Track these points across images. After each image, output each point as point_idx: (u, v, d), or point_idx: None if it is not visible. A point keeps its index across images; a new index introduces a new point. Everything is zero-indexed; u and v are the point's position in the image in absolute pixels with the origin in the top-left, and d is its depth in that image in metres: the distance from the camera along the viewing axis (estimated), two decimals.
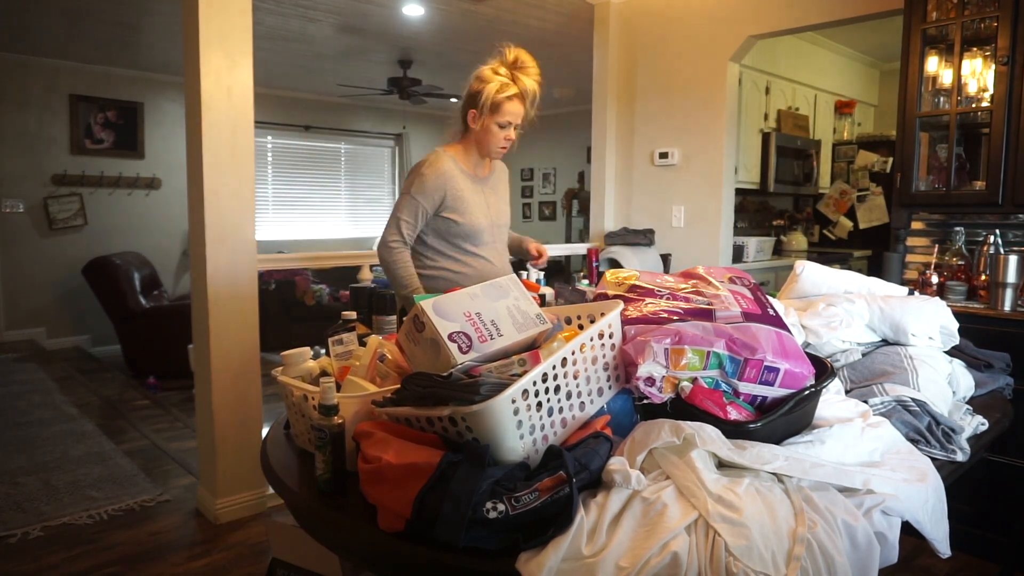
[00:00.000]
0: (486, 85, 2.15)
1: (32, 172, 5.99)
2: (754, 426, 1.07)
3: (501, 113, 2.17)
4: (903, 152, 2.86)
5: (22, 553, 2.57)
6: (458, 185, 2.26)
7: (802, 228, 5.48)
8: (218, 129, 2.68)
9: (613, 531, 0.90)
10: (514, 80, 2.15)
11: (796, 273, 1.97)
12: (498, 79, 2.15)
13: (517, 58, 2.17)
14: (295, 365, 1.39)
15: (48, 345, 6.14)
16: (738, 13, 3.74)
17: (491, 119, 2.19)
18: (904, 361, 1.58)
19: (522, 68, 2.17)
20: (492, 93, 2.15)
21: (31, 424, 3.99)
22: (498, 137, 2.22)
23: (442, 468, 0.94)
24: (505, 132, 2.21)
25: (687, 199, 4.05)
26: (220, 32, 2.65)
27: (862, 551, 0.95)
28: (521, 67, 2.17)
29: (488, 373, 1.05)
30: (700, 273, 1.36)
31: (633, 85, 4.23)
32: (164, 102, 6.61)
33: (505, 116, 2.18)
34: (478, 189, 2.33)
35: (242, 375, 2.84)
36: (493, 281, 1.24)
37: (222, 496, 2.83)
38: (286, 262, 3.72)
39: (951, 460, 1.29)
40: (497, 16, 4.70)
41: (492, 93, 2.15)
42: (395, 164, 8.79)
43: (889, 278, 2.82)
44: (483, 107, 2.18)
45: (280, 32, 5.09)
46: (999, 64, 2.59)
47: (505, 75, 2.15)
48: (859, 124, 5.79)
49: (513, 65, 2.17)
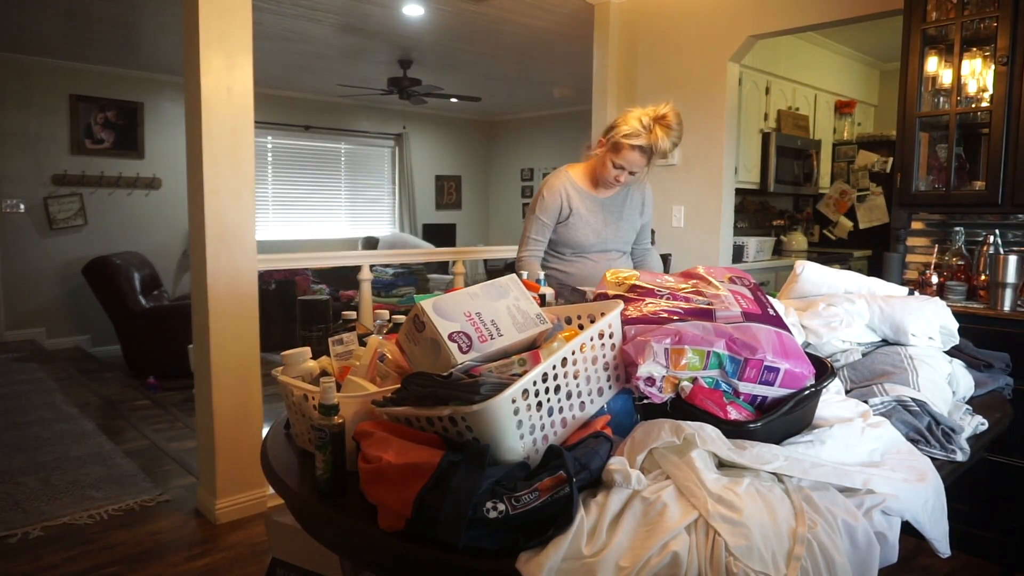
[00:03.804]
0: (622, 125, 2.19)
1: (32, 172, 5.99)
2: (754, 426, 1.07)
3: (619, 155, 2.22)
4: (903, 152, 2.86)
5: (22, 553, 2.57)
6: (574, 202, 2.38)
7: (802, 228, 5.48)
8: (218, 129, 2.68)
9: (613, 531, 0.90)
10: (650, 132, 2.15)
11: (796, 273, 1.97)
12: (635, 124, 2.16)
13: (666, 115, 2.17)
14: (295, 365, 1.39)
15: (48, 345, 6.14)
16: (738, 13, 3.74)
17: (610, 156, 2.25)
18: (904, 361, 1.57)
19: (664, 125, 2.16)
20: (620, 135, 2.19)
21: (31, 424, 3.99)
22: (611, 173, 2.28)
23: (442, 468, 0.94)
24: (618, 173, 2.26)
25: (687, 199, 4.04)
26: (220, 32, 2.65)
27: (862, 551, 0.95)
28: (664, 124, 2.16)
29: (488, 373, 1.05)
30: (700, 273, 1.36)
31: (633, 85, 4.23)
32: (164, 102, 6.61)
33: (621, 160, 2.23)
34: (595, 207, 2.41)
35: (242, 375, 2.84)
36: (493, 281, 1.24)
37: (222, 496, 2.83)
38: (286, 262, 3.71)
39: (951, 460, 1.28)
40: (497, 16, 4.70)
41: (620, 135, 2.19)
42: (395, 164, 8.79)
43: (889, 278, 2.82)
44: (609, 140, 2.24)
45: (280, 32, 5.08)
46: (999, 64, 2.59)
47: (646, 124, 2.16)
48: (859, 124, 5.79)
49: (659, 119, 2.16)
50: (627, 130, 2.17)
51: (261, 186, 7.56)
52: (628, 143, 2.18)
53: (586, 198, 2.41)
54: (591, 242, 2.42)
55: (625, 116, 2.21)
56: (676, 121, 2.18)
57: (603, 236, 2.43)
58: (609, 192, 2.44)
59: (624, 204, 2.48)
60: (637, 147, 2.18)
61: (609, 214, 2.44)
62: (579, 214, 2.39)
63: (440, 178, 9.25)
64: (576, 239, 2.40)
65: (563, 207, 2.38)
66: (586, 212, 2.40)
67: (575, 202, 2.39)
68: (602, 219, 2.43)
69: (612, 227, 2.45)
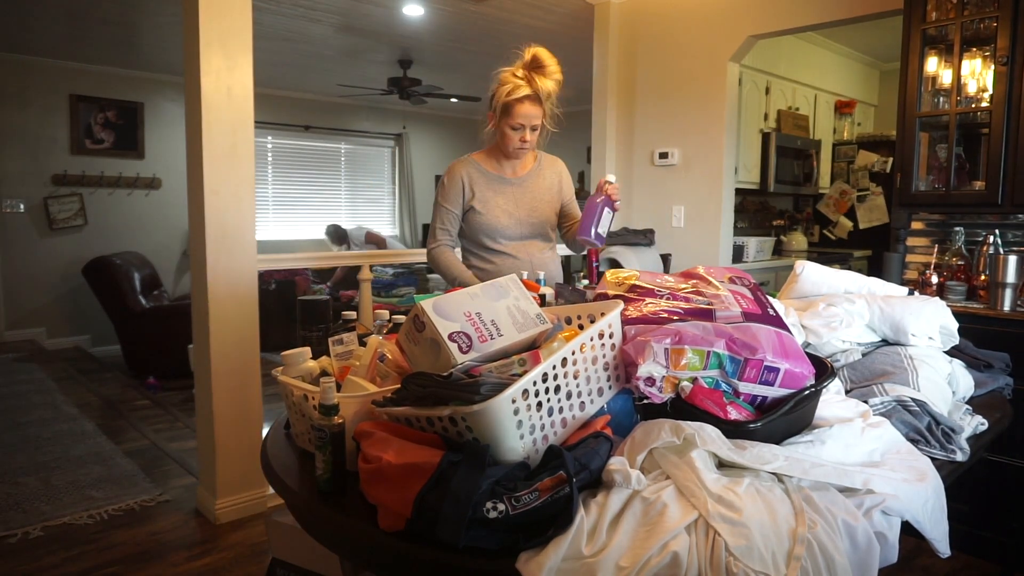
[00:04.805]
0: (499, 88, 2.15)
1: (32, 172, 5.99)
2: (754, 426, 1.07)
3: (512, 115, 2.16)
4: (903, 152, 2.86)
5: (22, 553, 2.57)
6: (478, 185, 2.31)
7: (802, 228, 5.48)
8: (218, 129, 2.68)
9: (613, 531, 0.90)
10: (529, 81, 2.12)
11: (796, 273, 1.97)
12: (512, 81, 2.13)
13: (535, 57, 2.14)
14: (295, 365, 1.39)
15: (48, 345, 6.13)
16: (738, 13, 3.74)
17: (504, 122, 2.19)
18: (904, 361, 1.57)
19: (540, 68, 2.14)
20: (503, 96, 2.14)
21: (31, 424, 3.99)
22: (513, 139, 2.22)
23: (442, 468, 0.94)
24: (519, 134, 2.20)
25: (687, 199, 4.04)
26: (220, 32, 2.65)
27: (862, 551, 0.95)
28: (539, 66, 2.14)
29: (488, 373, 1.05)
30: (700, 273, 1.36)
31: (633, 85, 4.23)
32: (164, 102, 6.61)
33: (516, 118, 2.17)
34: (504, 188, 2.33)
35: (242, 375, 2.84)
36: (493, 281, 1.24)
37: (222, 496, 2.83)
38: (286, 262, 3.72)
39: (951, 460, 1.28)
40: (497, 16, 4.70)
41: (503, 96, 2.14)
42: (395, 164, 8.79)
43: (889, 278, 2.82)
44: (496, 110, 2.19)
45: (280, 32, 5.08)
46: (999, 64, 2.59)
47: (522, 76, 2.13)
48: (859, 124, 5.79)
49: (531, 65, 2.14)
50: (507, 88, 2.13)
51: (261, 186, 7.56)
52: (514, 98, 2.12)
53: (492, 180, 2.32)
54: (505, 224, 2.31)
55: (498, 79, 2.16)
56: (548, 58, 2.14)
57: (516, 217, 2.33)
58: (517, 172, 2.35)
59: (537, 183, 2.38)
60: (525, 98, 2.13)
61: (521, 195, 2.35)
62: (485, 197, 2.30)
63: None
64: (488, 223, 2.30)
65: (465, 190, 2.30)
66: (493, 194, 2.31)
67: (479, 185, 2.31)
68: (513, 200, 2.33)
69: (525, 208, 2.34)
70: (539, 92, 2.14)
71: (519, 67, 2.15)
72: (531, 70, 2.14)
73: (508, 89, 2.13)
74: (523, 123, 2.17)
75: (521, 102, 2.14)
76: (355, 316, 1.51)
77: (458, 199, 2.33)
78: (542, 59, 2.14)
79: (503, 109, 2.17)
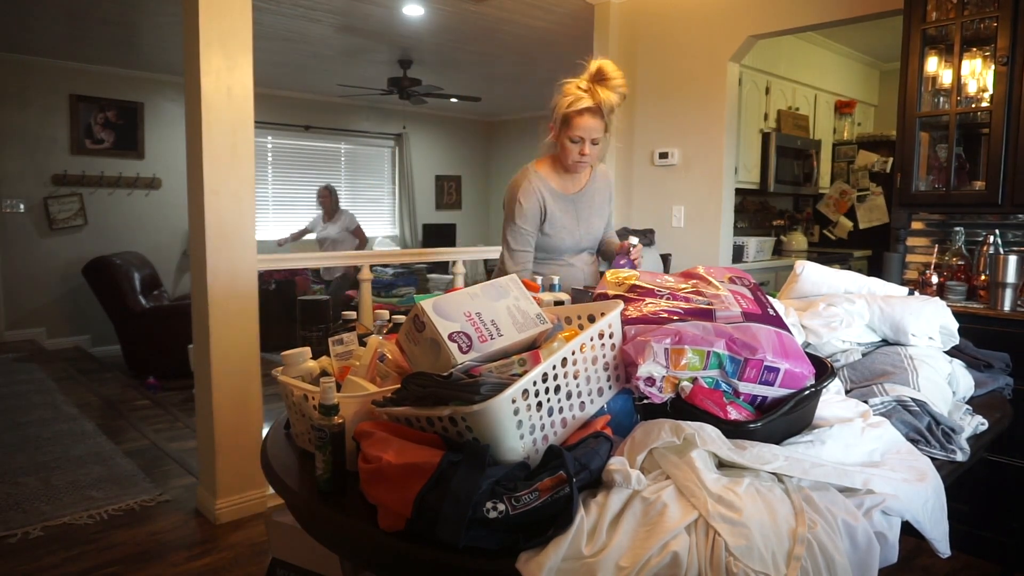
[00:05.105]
0: (562, 99, 2.10)
1: (32, 172, 5.99)
2: (754, 426, 1.07)
3: (572, 128, 2.12)
4: (903, 152, 2.86)
5: (22, 553, 2.57)
6: (548, 205, 2.25)
7: (802, 228, 5.48)
8: (218, 129, 2.68)
9: (613, 531, 0.90)
10: (592, 93, 2.07)
11: (796, 273, 1.97)
12: (574, 93, 2.08)
13: (600, 69, 2.08)
14: (295, 365, 1.39)
15: (48, 345, 6.13)
16: (738, 13, 3.74)
17: (564, 134, 2.15)
18: (904, 361, 1.57)
19: (604, 80, 2.07)
20: (564, 107, 2.09)
21: (31, 424, 3.99)
22: (572, 152, 2.16)
23: (442, 468, 0.94)
24: (579, 147, 2.15)
25: (687, 199, 4.04)
26: (220, 32, 2.65)
27: (862, 551, 0.95)
28: (603, 79, 2.07)
29: (488, 373, 1.05)
30: (700, 273, 1.36)
31: (633, 85, 4.23)
32: (164, 102, 6.61)
33: (576, 131, 2.11)
34: (567, 207, 2.30)
35: (242, 375, 2.84)
36: (493, 281, 1.24)
37: (222, 496, 2.83)
38: (286, 262, 3.72)
39: (951, 460, 1.29)
40: (497, 16, 4.70)
41: (564, 107, 2.09)
42: (395, 164, 8.79)
43: (889, 278, 2.82)
44: (556, 121, 2.15)
45: (280, 32, 5.08)
46: (999, 64, 2.59)
47: (585, 88, 2.08)
48: (859, 124, 5.79)
49: (595, 77, 2.08)
50: (569, 99, 2.08)
51: (261, 186, 7.55)
52: (575, 110, 2.08)
53: (558, 198, 2.28)
54: (567, 245, 2.31)
55: (562, 90, 2.11)
56: (612, 70, 2.08)
57: (577, 236, 2.32)
58: (576, 187, 2.32)
59: (593, 196, 2.36)
60: (586, 111, 2.08)
61: (580, 211, 2.32)
62: (554, 216, 2.26)
63: (440, 178, 9.25)
64: (552, 244, 2.29)
65: (542, 211, 2.24)
66: (560, 213, 2.27)
67: (550, 204, 2.26)
68: (574, 218, 2.31)
69: (585, 224, 2.33)
70: (601, 105, 2.08)
71: (583, 79, 2.10)
72: (595, 82, 2.08)
73: (570, 101, 2.08)
74: (583, 136, 2.12)
75: (581, 114, 2.09)
76: (355, 316, 1.51)
77: (536, 220, 2.25)
78: (607, 71, 2.07)
79: (563, 121, 2.12)
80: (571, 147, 2.16)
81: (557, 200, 2.28)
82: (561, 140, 2.17)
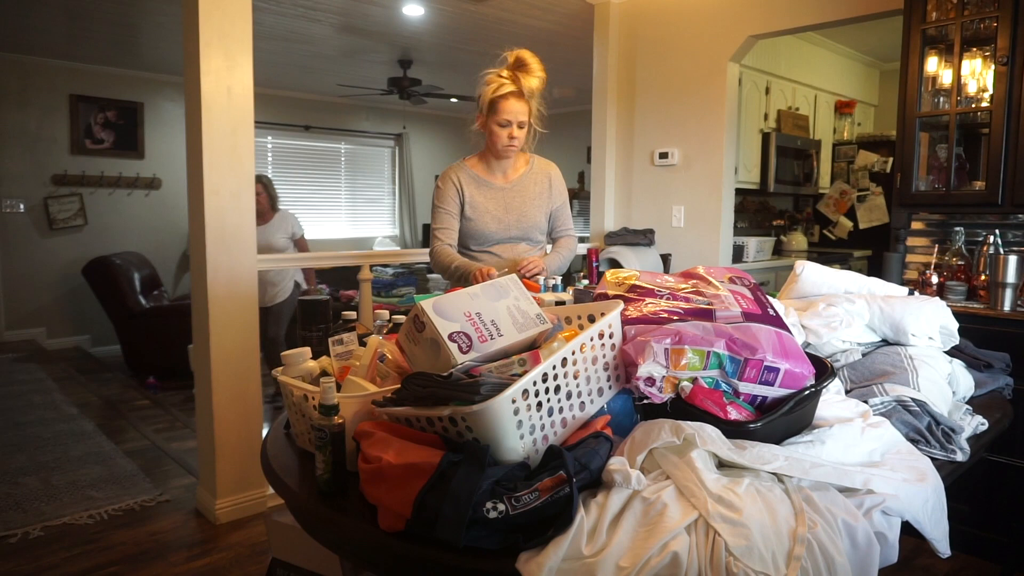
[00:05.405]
0: (486, 87, 2.23)
1: (32, 172, 5.99)
2: (754, 426, 1.07)
3: (499, 112, 2.23)
4: (903, 152, 2.86)
5: (22, 553, 2.57)
6: (469, 189, 2.38)
7: (802, 228, 5.48)
8: (218, 129, 2.68)
9: (613, 531, 0.90)
10: (514, 80, 2.21)
11: (796, 273, 1.97)
12: (496, 79, 2.22)
13: (518, 57, 2.24)
14: (295, 365, 1.39)
15: (48, 345, 6.13)
16: (738, 13, 3.74)
17: (491, 119, 2.26)
18: (904, 361, 1.57)
19: (523, 67, 2.23)
20: (489, 94, 2.23)
21: (31, 424, 3.99)
22: (501, 136, 2.27)
23: (442, 468, 0.94)
24: (507, 130, 2.26)
25: (687, 199, 4.04)
26: (220, 32, 2.65)
27: (862, 551, 0.95)
28: (522, 66, 2.23)
29: (488, 373, 1.05)
30: (700, 273, 1.36)
31: (633, 85, 4.23)
32: (164, 102, 6.61)
33: (503, 115, 2.23)
34: (494, 194, 2.39)
35: (242, 375, 2.84)
36: (493, 281, 1.24)
37: (222, 496, 2.83)
38: (286, 262, 3.71)
39: (951, 460, 1.28)
40: (497, 16, 4.70)
41: (489, 94, 2.23)
42: (395, 164, 8.79)
43: (889, 278, 2.82)
44: (483, 109, 2.27)
45: (280, 32, 5.08)
46: (999, 64, 2.59)
47: (507, 75, 2.23)
48: (859, 124, 5.78)
49: (514, 66, 2.24)
50: (492, 86, 2.21)
51: None
52: (500, 95, 2.20)
53: (483, 185, 2.38)
54: (492, 230, 2.37)
55: (484, 80, 2.24)
56: (531, 58, 2.22)
57: (505, 223, 2.38)
58: (507, 178, 2.40)
59: (527, 187, 2.42)
60: (511, 95, 2.21)
61: (511, 199, 2.40)
62: (475, 202, 2.36)
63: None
64: (477, 229, 2.37)
65: (459, 193, 2.36)
66: (483, 200, 2.37)
67: (470, 190, 2.37)
68: (503, 205, 2.38)
69: (515, 213, 2.39)
70: (523, 89, 2.22)
71: (503, 68, 2.24)
72: (515, 70, 2.23)
73: (495, 87, 2.21)
74: (510, 119, 2.23)
75: (506, 98, 2.21)
76: (355, 316, 1.51)
77: (455, 200, 2.38)
78: (525, 59, 2.23)
79: (489, 106, 2.24)
80: (499, 131, 2.26)
81: (480, 188, 2.39)
82: (490, 126, 2.28)
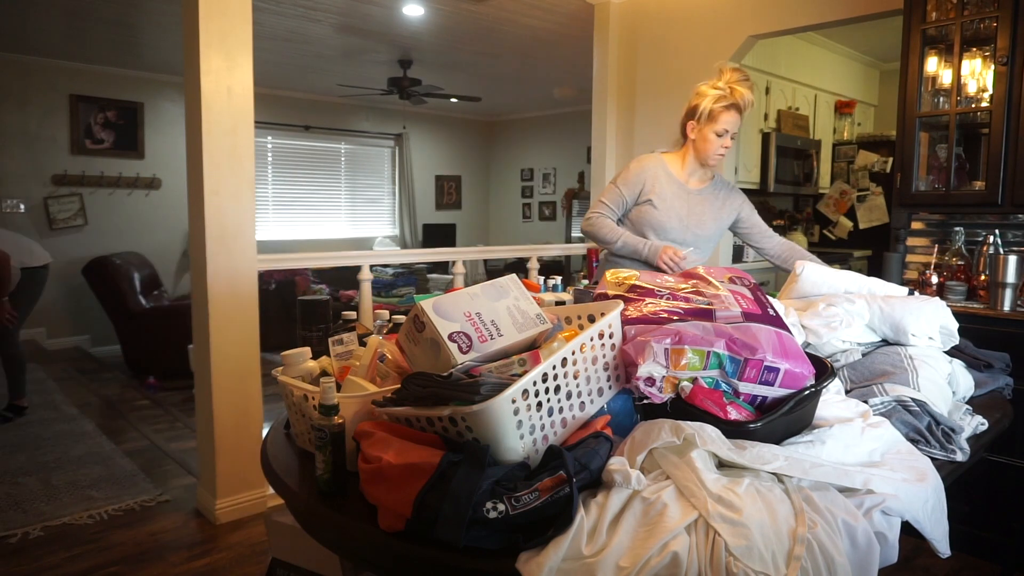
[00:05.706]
0: (706, 97, 2.32)
1: (32, 172, 5.99)
2: (754, 426, 1.07)
3: (717, 122, 2.32)
4: (903, 152, 2.86)
5: (22, 553, 2.57)
6: (660, 183, 2.43)
7: (802, 228, 5.48)
8: (218, 129, 2.68)
9: (613, 531, 0.90)
10: (731, 92, 2.30)
11: (796, 273, 1.97)
12: (717, 92, 2.31)
13: (736, 70, 2.34)
14: (295, 365, 1.39)
15: (48, 345, 6.13)
16: (738, 13, 3.73)
17: (708, 127, 2.34)
18: (904, 361, 1.57)
19: (738, 81, 2.31)
20: (712, 102, 2.31)
21: (31, 424, 3.99)
22: (715, 145, 2.36)
23: (442, 468, 0.94)
24: (722, 140, 2.35)
25: None
26: (220, 32, 2.65)
27: (862, 551, 0.95)
28: (737, 80, 2.31)
29: (488, 373, 1.05)
30: (700, 273, 1.36)
31: (633, 85, 4.23)
32: (164, 102, 6.61)
33: (721, 125, 2.32)
34: (682, 195, 2.46)
35: (242, 375, 2.84)
36: (493, 281, 1.24)
37: (222, 496, 2.83)
38: (286, 262, 3.71)
39: (951, 460, 1.28)
40: (497, 16, 4.70)
41: (712, 102, 2.31)
42: (395, 164, 8.79)
43: (889, 278, 2.82)
44: (701, 117, 2.35)
45: (280, 32, 5.08)
46: (999, 64, 2.59)
47: (724, 88, 2.31)
48: (859, 124, 5.78)
49: (731, 79, 2.32)
50: (715, 95, 2.30)
51: (261, 186, 7.55)
52: (722, 106, 2.30)
53: (674, 184, 2.44)
54: (673, 227, 2.42)
55: (702, 92, 2.33)
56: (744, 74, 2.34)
57: (686, 224, 2.44)
58: (697, 185, 2.47)
59: (712, 198, 2.48)
60: (732, 107, 2.30)
61: (695, 205, 2.45)
62: (663, 196, 2.41)
63: (440, 178, 9.25)
64: (659, 220, 2.41)
65: (646, 185, 2.42)
66: (671, 196, 2.43)
67: (662, 184, 2.42)
68: (687, 208, 2.44)
69: (696, 218, 2.45)
70: (742, 102, 2.32)
71: (719, 80, 2.33)
72: (730, 83, 2.31)
73: (716, 97, 2.30)
74: (728, 129, 2.33)
75: (727, 110, 2.31)
76: (355, 316, 1.51)
77: (636, 188, 2.44)
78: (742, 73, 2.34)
79: (709, 115, 2.32)
80: (714, 140, 2.35)
81: (672, 184, 2.45)
82: (704, 134, 2.36)
